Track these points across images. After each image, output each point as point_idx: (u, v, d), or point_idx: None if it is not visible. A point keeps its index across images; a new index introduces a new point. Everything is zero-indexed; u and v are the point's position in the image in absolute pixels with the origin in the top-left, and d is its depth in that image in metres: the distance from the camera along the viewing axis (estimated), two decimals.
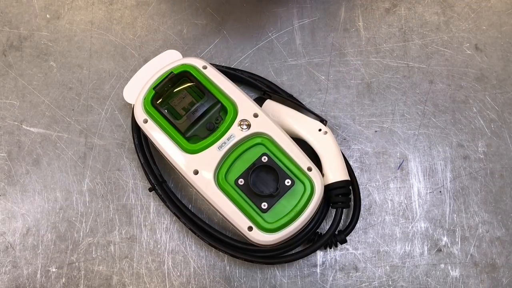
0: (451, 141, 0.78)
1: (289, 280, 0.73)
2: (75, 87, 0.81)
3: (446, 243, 0.74)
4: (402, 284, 0.73)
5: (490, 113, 0.79)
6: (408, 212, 0.75)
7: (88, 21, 0.84)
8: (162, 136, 0.68)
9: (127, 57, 0.83)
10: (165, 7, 0.85)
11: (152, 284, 0.73)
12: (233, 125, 0.67)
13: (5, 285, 0.73)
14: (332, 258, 0.74)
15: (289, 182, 0.65)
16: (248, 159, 0.67)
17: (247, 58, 0.82)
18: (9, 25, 0.84)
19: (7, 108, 0.80)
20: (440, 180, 0.77)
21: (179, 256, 0.74)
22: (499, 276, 0.73)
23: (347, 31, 0.83)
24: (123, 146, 0.78)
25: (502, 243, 0.74)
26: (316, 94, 0.80)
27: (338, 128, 0.79)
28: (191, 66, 0.70)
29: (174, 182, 0.76)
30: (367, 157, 0.78)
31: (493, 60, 0.82)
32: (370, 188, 0.76)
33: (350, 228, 0.71)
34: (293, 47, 0.83)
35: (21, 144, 0.79)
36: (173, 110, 0.70)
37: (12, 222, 0.76)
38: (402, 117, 0.79)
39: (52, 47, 0.83)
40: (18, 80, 0.82)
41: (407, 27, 0.84)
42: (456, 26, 0.84)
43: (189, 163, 0.66)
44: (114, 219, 0.75)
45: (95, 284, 0.73)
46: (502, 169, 0.77)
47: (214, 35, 0.84)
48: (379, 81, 0.81)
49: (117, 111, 0.80)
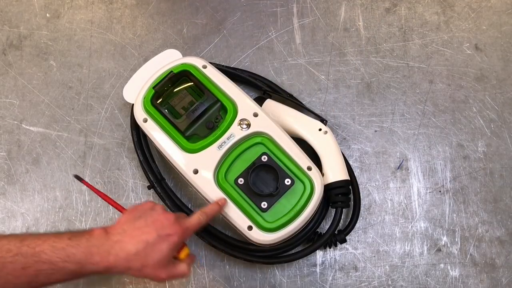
0: (451, 141, 0.78)
1: (289, 280, 0.73)
2: (75, 86, 0.81)
3: (445, 243, 0.74)
4: (402, 283, 0.73)
5: (490, 113, 0.79)
6: (408, 211, 0.75)
7: (88, 20, 0.84)
8: (161, 135, 0.68)
9: (127, 56, 0.83)
10: (165, 7, 0.85)
11: (152, 284, 0.73)
12: (233, 124, 0.67)
13: None
14: (331, 257, 0.74)
15: (289, 182, 0.65)
16: (248, 159, 0.67)
17: (247, 57, 0.82)
18: (9, 24, 0.84)
19: (6, 107, 0.80)
20: (440, 180, 0.77)
21: None
22: (499, 276, 0.73)
23: (347, 31, 0.83)
24: (122, 145, 0.78)
25: (501, 243, 0.74)
26: (316, 93, 0.80)
27: (338, 128, 0.79)
28: (191, 66, 0.70)
29: (173, 181, 0.76)
30: (367, 156, 0.78)
31: (493, 60, 0.82)
32: (370, 187, 0.76)
33: (349, 227, 0.71)
34: (293, 47, 0.83)
35: (21, 143, 0.79)
36: (172, 109, 0.70)
37: (12, 221, 0.76)
38: (402, 117, 0.79)
39: (52, 46, 0.83)
40: (18, 79, 0.82)
41: (407, 26, 0.84)
42: (456, 26, 0.84)
43: (188, 162, 0.66)
44: (114, 218, 0.75)
45: (94, 284, 0.73)
46: (502, 169, 0.77)
47: (214, 34, 0.84)
48: (379, 81, 0.81)
49: (117, 110, 0.80)
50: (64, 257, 0.52)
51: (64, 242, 0.53)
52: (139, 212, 0.58)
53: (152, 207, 0.58)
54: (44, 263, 0.51)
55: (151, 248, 0.54)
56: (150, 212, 0.58)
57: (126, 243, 0.54)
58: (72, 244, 0.52)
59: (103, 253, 0.53)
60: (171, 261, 0.58)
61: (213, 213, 0.62)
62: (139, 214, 0.57)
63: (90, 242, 0.53)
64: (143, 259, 0.54)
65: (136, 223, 0.56)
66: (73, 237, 0.53)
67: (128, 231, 0.55)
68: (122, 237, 0.54)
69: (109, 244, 0.54)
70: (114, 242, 0.54)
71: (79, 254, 0.52)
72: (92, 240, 0.54)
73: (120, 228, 0.56)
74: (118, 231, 0.55)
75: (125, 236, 0.55)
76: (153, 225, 0.56)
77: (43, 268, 0.51)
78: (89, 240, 0.53)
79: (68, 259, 0.52)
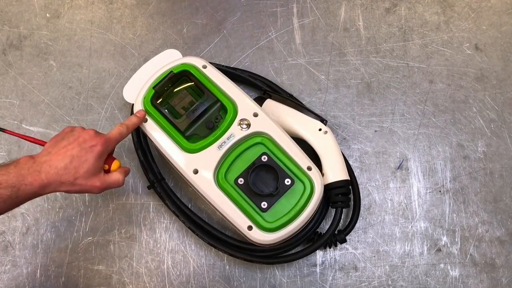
0: (451, 141, 0.78)
1: (289, 280, 0.73)
2: (75, 86, 0.81)
3: (445, 243, 0.74)
4: (402, 283, 0.73)
5: (490, 113, 0.79)
6: (408, 211, 0.75)
7: (88, 20, 0.84)
8: (161, 135, 0.68)
9: (127, 56, 0.83)
10: (165, 6, 0.85)
11: (152, 284, 0.73)
12: (233, 124, 0.67)
13: (5, 284, 0.73)
14: (331, 257, 0.74)
15: (289, 182, 0.65)
16: (248, 159, 0.67)
17: (247, 57, 0.82)
18: (9, 24, 0.84)
19: (6, 107, 0.80)
20: (440, 180, 0.77)
21: (179, 256, 0.74)
22: (499, 276, 0.73)
23: (347, 31, 0.83)
24: (123, 145, 0.78)
25: (501, 243, 0.74)
26: (316, 93, 0.80)
27: (338, 128, 0.79)
28: (191, 66, 0.70)
29: (173, 181, 0.76)
30: (367, 156, 0.78)
31: (493, 60, 0.82)
32: (369, 187, 0.76)
33: (349, 227, 0.71)
34: (293, 47, 0.83)
35: (21, 143, 0.79)
36: (172, 109, 0.70)
37: (12, 221, 0.76)
38: (402, 117, 0.79)
39: (52, 46, 0.83)
40: (18, 79, 0.82)
41: (407, 26, 0.84)
42: (456, 26, 0.84)
43: (188, 162, 0.66)
44: (113, 218, 0.75)
45: (94, 283, 0.73)
46: (501, 169, 0.77)
47: (214, 34, 0.84)
48: (379, 81, 0.81)
49: (117, 110, 0.80)
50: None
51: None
52: (61, 136, 0.61)
53: (72, 129, 0.62)
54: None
55: (78, 160, 0.58)
56: (71, 133, 0.61)
57: (53, 161, 0.57)
58: (1, 172, 0.55)
59: (34, 173, 0.56)
60: (103, 171, 0.62)
61: (132, 124, 0.66)
62: (61, 137, 0.61)
63: (19, 167, 0.56)
64: (73, 172, 0.58)
65: (60, 144, 0.60)
66: (0, 167, 0.56)
67: (53, 152, 0.59)
68: (49, 157, 0.58)
69: (38, 165, 0.57)
70: (42, 162, 0.57)
71: (10, 179, 0.54)
72: (20, 165, 0.56)
73: (45, 151, 0.59)
74: (44, 154, 0.59)
75: (52, 156, 0.58)
76: (76, 141, 0.60)
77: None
78: (17, 166, 0.56)
79: (1, 186, 0.54)
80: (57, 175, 0.57)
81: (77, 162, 0.58)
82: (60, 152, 0.58)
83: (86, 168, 0.58)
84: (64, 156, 0.58)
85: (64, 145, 0.59)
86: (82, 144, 0.59)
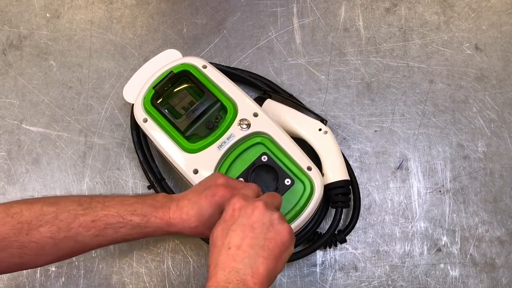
0: (451, 141, 0.78)
1: (289, 280, 0.73)
2: (75, 86, 0.81)
3: (445, 243, 0.74)
4: (402, 283, 0.73)
5: (490, 113, 0.79)
6: (408, 211, 0.75)
7: (88, 20, 0.84)
8: (162, 135, 0.68)
9: (127, 56, 0.83)
10: (165, 6, 0.85)
11: (152, 284, 0.73)
12: (233, 124, 0.67)
13: (5, 284, 0.73)
14: (331, 257, 0.74)
15: (288, 182, 0.65)
16: (248, 159, 0.67)
17: (247, 57, 0.82)
18: (9, 24, 0.84)
19: (6, 107, 0.80)
20: (440, 180, 0.77)
21: (179, 256, 0.74)
22: (499, 276, 0.73)
23: (347, 31, 0.83)
24: (123, 145, 0.78)
25: (501, 243, 0.74)
26: (316, 93, 0.80)
27: (338, 128, 0.79)
28: (191, 66, 0.70)
29: (173, 181, 0.76)
30: (367, 156, 0.78)
31: (493, 60, 0.82)
32: (369, 187, 0.76)
33: (349, 227, 0.71)
34: (293, 47, 0.83)
35: (21, 143, 0.79)
36: (172, 109, 0.70)
37: None
38: (402, 117, 0.79)
39: (52, 46, 0.83)
40: (18, 79, 0.82)
41: (407, 26, 0.84)
42: (456, 26, 0.84)
43: (189, 162, 0.66)
44: None
45: (94, 283, 0.73)
46: (501, 169, 0.77)
47: (214, 34, 0.84)
48: (379, 81, 0.81)
49: (117, 110, 0.80)
50: (131, 210, 0.56)
51: (132, 200, 0.57)
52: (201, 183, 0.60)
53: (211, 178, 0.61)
54: (113, 216, 0.55)
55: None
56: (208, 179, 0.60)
57: (185, 205, 0.57)
58: (138, 201, 0.57)
59: (165, 208, 0.57)
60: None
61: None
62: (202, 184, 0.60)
63: (155, 200, 0.58)
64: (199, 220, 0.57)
65: (196, 188, 0.59)
66: (139, 196, 0.59)
67: (189, 195, 0.58)
68: (184, 198, 0.58)
69: (171, 203, 0.57)
70: (176, 201, 0.57)
71: (145, 208, 0.56)
72: (156, 198, 0.58)
73: (184, 194, 0.59)
74: (181, 196, 0.58)
75: (186, 198, 0.58)
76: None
77: (112, 221, 0.55)
78: (153, 199, 0.58)
79: (135, 212, 0.56)
80: (182, 220, 0.56)
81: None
82: (194, 198, 0.57)
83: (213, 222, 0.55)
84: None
85: (200, 190, 0.58)
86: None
